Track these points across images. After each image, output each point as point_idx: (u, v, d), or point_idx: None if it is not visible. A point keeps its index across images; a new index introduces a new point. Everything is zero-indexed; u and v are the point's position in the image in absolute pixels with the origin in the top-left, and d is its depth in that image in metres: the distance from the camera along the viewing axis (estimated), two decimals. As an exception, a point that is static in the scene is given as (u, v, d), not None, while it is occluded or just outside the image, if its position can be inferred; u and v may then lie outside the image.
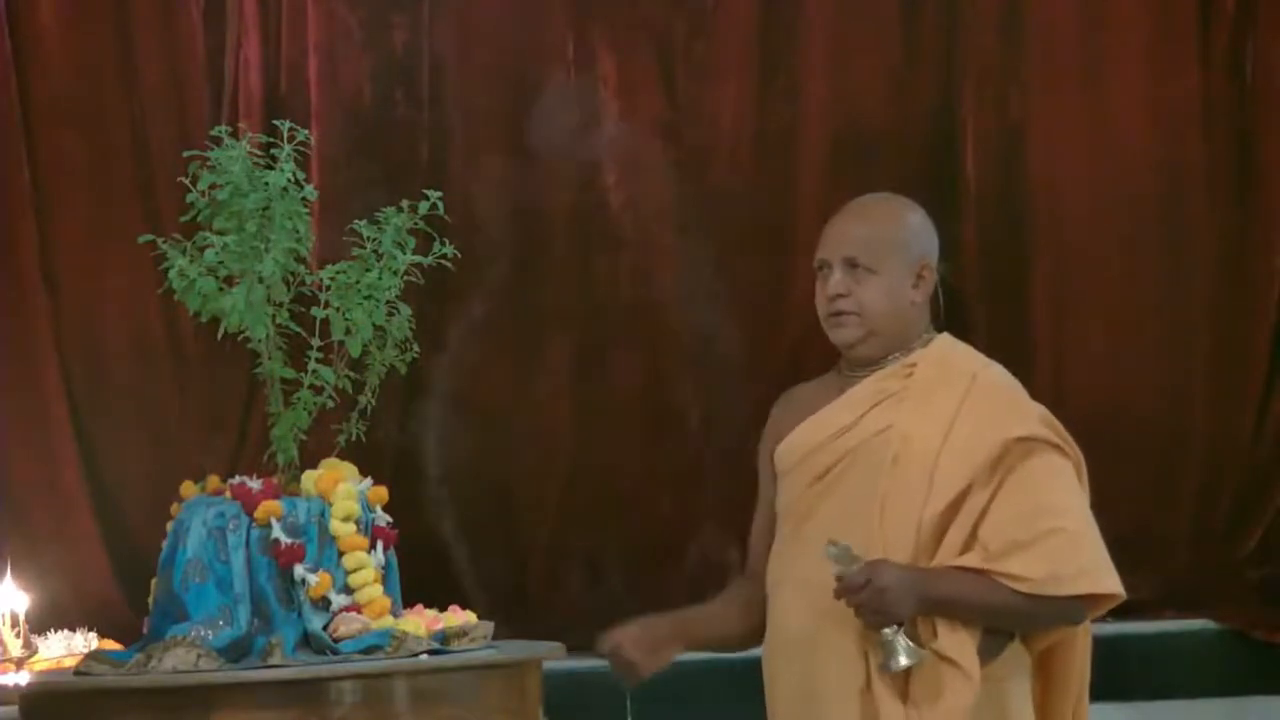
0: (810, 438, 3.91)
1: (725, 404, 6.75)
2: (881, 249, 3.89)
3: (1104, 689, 4.09)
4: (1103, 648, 4.01)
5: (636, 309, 6.82)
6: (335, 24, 6.67)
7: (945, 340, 3.96)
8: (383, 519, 4.06)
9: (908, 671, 3.75)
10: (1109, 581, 3.79)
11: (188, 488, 4.09)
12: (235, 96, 6.54)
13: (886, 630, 3.70)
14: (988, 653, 3.79)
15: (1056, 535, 3.76)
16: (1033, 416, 3.85)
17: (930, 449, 3.80)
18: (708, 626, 4.05)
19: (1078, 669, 3.96)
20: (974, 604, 3.75)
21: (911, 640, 3.71)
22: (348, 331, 4.06)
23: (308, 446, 4.09)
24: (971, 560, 3.75)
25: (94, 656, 3.99)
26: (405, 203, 4.13)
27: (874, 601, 3.69)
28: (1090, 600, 3.80)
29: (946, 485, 3.78)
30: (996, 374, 3.93)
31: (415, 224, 4.13)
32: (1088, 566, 3.77)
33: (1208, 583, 6.95)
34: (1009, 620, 3.79)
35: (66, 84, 6.46)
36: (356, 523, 3.98)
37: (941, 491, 3.78)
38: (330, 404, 4.08)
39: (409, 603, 4.13)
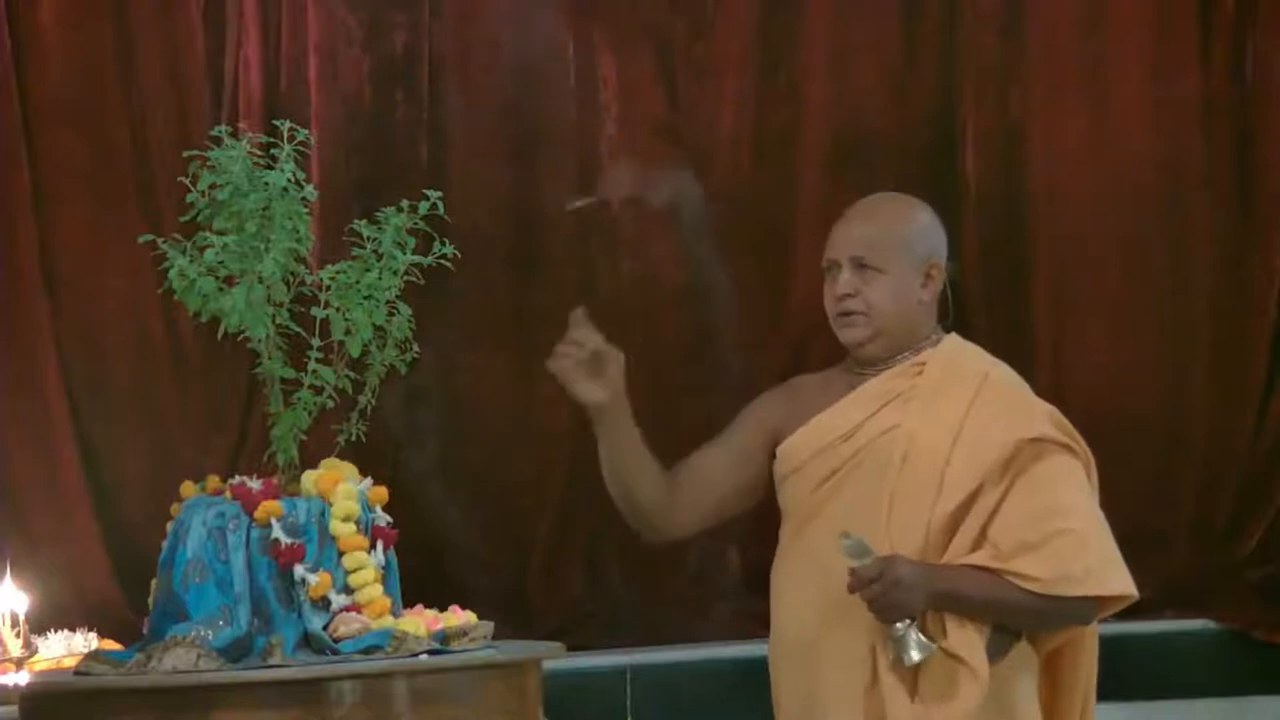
0: (819, 437, 3.91)
1: (725, 404, 6.73)
2: (890, 249, 3.89)
3: (1104, 689, 4.09)
4: (1103, 648, 4.01)
5: (636, 309, 6.82)
6: (335, 24, 6.67)
7: (954, 340, 3.96)
8: (383, 519, 4.05)
9: (915, 670, 3.75)
10: (1118, 582, 3.79)
11: (188, 488, 4.09)
12: (235, 96, 6.54)
13: (898, 625, 3.71)
14: (995, 651, 3.79)
15: (1066, 536, 3.76)
16: (1043, 417, 3.86)
17: (940, 449, 3.80)
18: (626, 442, 4.02)
19: (1085, 669, 3.96)
20: (985, 601, 3.75)
21: (922, 635, 3.72)
22: (348, 331, 4.06)
23: (308, 446, 4.08)
24: (982, 559, 3.76)
25: (94, 656, 3.98)
26: (405, 203, 4.13)
27: (887, 595, 3.69)
28: (1100, 600, 3.80)
29: (957, 485, 3.78)
30: (1006, 374, 3.93)
31: (415, 224, 4.13)
32: (1096, 567, 3.78)
33: (1208, 583, 6.95)
34: (1019, 619, 3.80)
35: (66, 84, 6.46)
36: (356, 523, 3.98)
37: (952, 492, 3.78)
38: (330, 404, 4.08)
39: (409, 603, 4.13)
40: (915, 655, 3.70)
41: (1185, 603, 6.89)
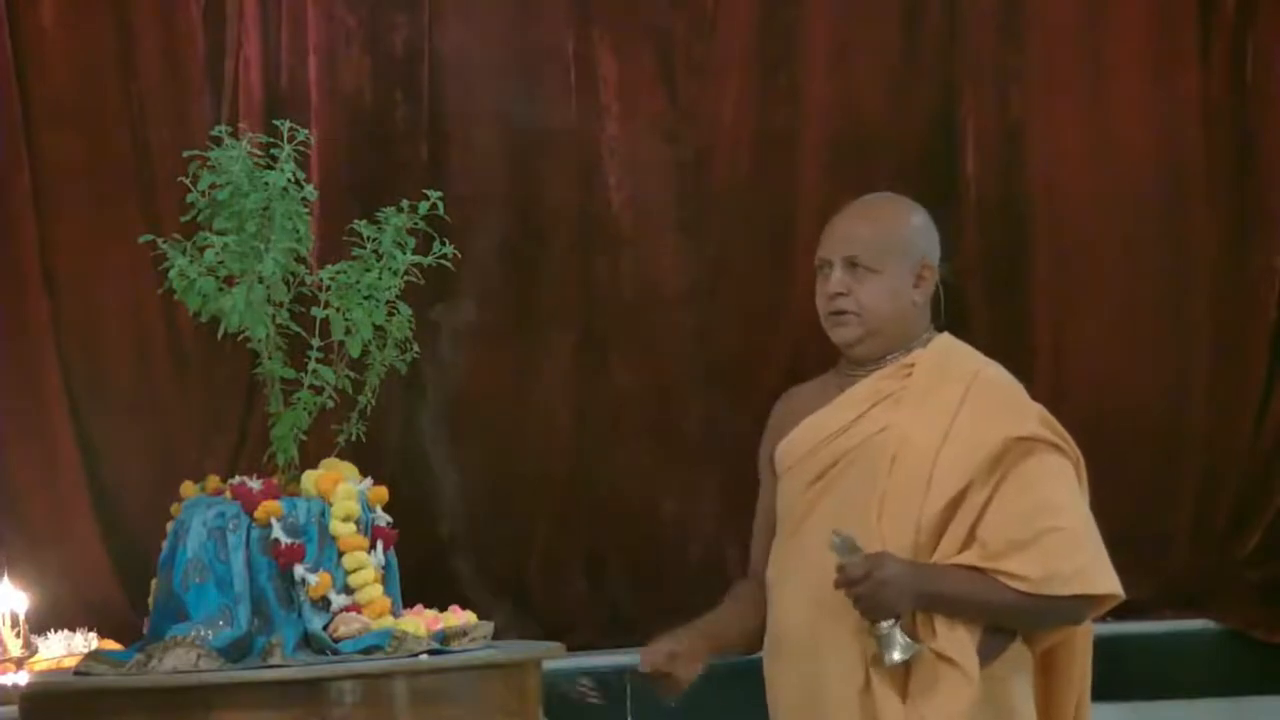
0: (809, 438, 3.91)
1: (725, 404, 6.75)
2: (883, 249, 3.89)
3: (1104, 689, 4.08)
4: (1103, 647, 4.01)
5: (636, 309, 6.82)
6: (335, 24, 6.67)
7: (945, 340, 3.96)
8: (383, 519, 4.06)
9: (907, 671, 3.75)
10: (1106, 582, 3.79)
11: (188, 488, 4.09)
12: (235, 96, 6.54)
13: (883, 624, 3.71)
14: (989, 651, 3.79)
15: (1054, 534, 3.76)
16: (1032, 416, 3.85)
17: (929, 448, 3.80)
18: (730, 629, 4.04)
19: (1079, 668, 3.96)
20: (973, 601, 3.75)
21: (908, 635, 3.71)
22: (348, 331, 4.06)
23: (308, 446, 4.08)
24: (970, 558, 3.75)
25: (94, 656, 3.99)
26: (405, 203, 4.13)
27: (873, 594, 3.69)
28: (1090, 600, 3.80)
29: (945, 484, 3.78)
30: (996, 373, 3.93)
31: (415, 224, 4.13)
32: (1085, 566, 3.77)
33: (1208, 583, 6.95)
34: (1008, 618, 3.79)
35: (66, 84, 6.46)
36: (356, 523, 3.98)
37: (940, 491, 3.78)
38: (330, 404, 4.08)
39: (409, 603, 4.13)
40: (897, 655, 3.71)
41: (1185, 603, 6.89)
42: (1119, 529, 3.96)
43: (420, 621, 4.00)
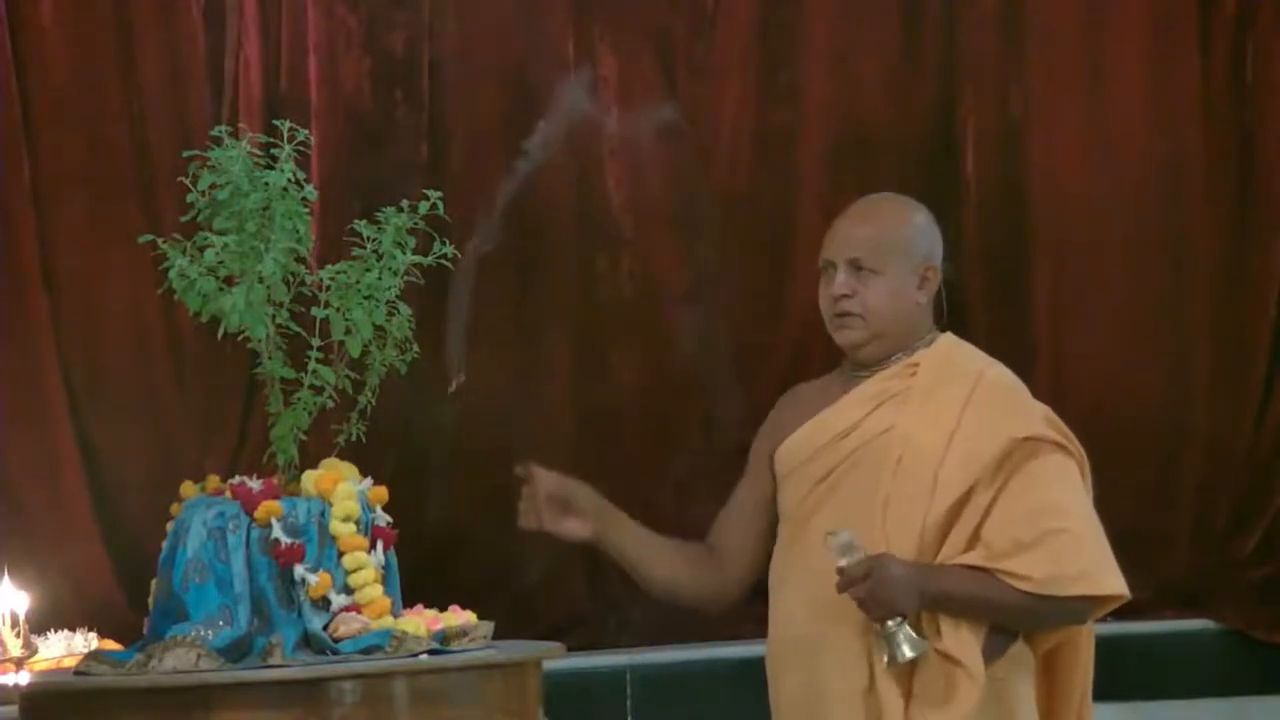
0: (814, 439, 3.91)
1: (725, 404, 6.75)
2: (886, 250, 3.89)
3: (1104, 689, 4.08)
4: (1103, 648, 4.01)
5: (636, 309, 6.82)
6: (335, 24, 6.67)
7: (948, 340, 3.96)
8: (383, 519, 4.05)
9: (911, 672, 3.75)
10: (1111, 582, 3.79)
11: (188, 488, 4.09)
12: (235, 96, 6.54)
13: (889, 623, 3.71)
14: (992, 652, 3.79)
15: (1059, 535, 3.76)
16: (1037, 416, 3.86)
17: (934, 450, 3.80)
18: (641, 547, 4.03)
19: (1082, 669, 3.96)
20: (977, 601, 3.75)
21: (914, 633, 3.71)
22: (348, 331, 4.06)
23: (308, 446, 4.08)
24: (975, 558, 3.75)
25: (94, 656, 3.98)
26: (405, 203, 4.13)
27: (876, 593, 3.69)
28: (1094, 601, 3.80)
29: (951, 486, 3.78)
30: (1000, 373, 3.93)
31: (415, 224, 4.13)
32: (1090, 567, 3.77)
33: (1208, 583, 6.96)
34: (1012, 619, 3.79)
35: (66, 84, 6.46)
36: (356, 523, 3.98)
37: (946, 492, 3.78)
38: (330, 404, 4.08)
39: (409, 603, 4.13)
40: (908, 652, 3.70)
41: (1185, 603, 6.90)
42: (1119, 529, 3.96)
43: (420, 621, 4.00)
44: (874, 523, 3.79)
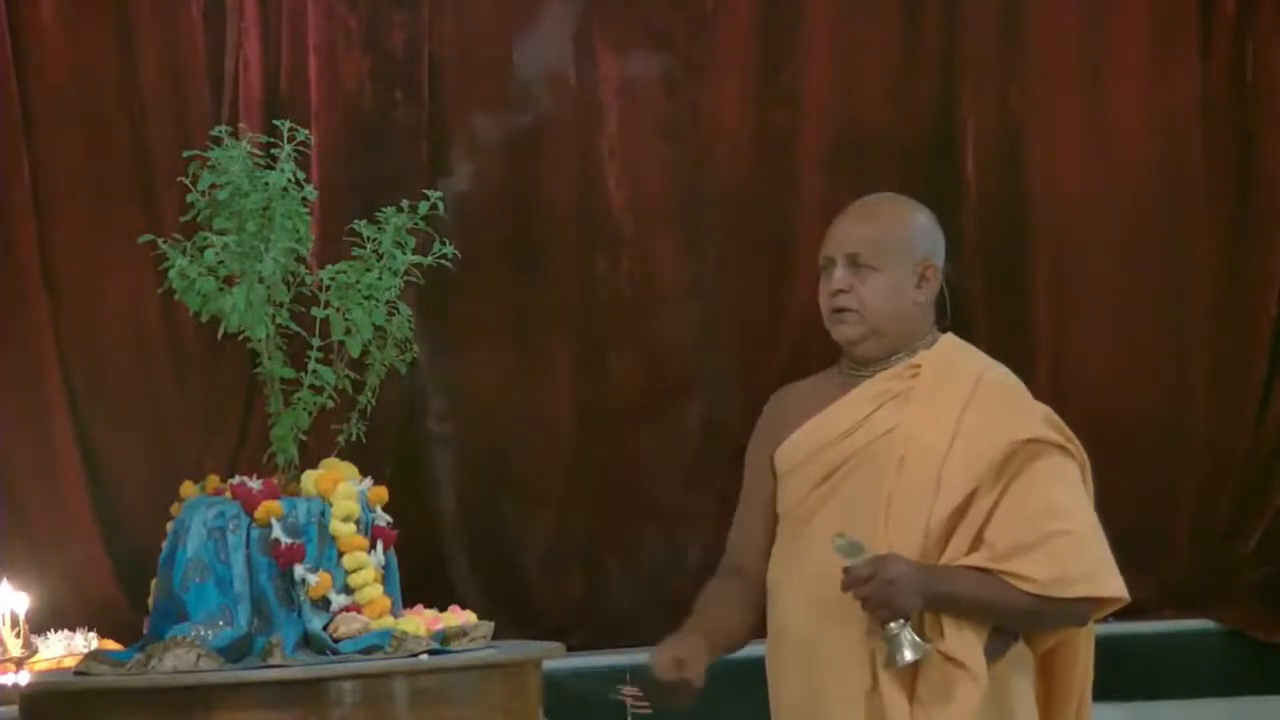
0: (815, 438, 3.90)
1: (725, 403, 6.75)
2: (885, 248, 3.89)
3: (1104, 689, 4.08)
4: (1103, 648, 4.01)
5: (636, 309, 6.82)
6: (335, 24, 6.67)
7: (950, 340, 3.95)
8: (383, 519, 4.06)
9: (914, 673, 3.75)
10: (1112, 585, 3.79)
11: (188, 488, 4.09)
12: (235, 96, 6.53)
13: (892, 625, 3.70)
14: (992, 652, 3.79)
15: (1061, 537, 3.76)
16: (1039, 418, 3.85)
17: (937, 451, 3.80)
18: (719, 633, 4.02)
19: (1081, 669, 3.96)
20: (980, 601, 3.74)
21: (917, 635, 3.71)
22: (348, 331, 4.06)
23: (308, 446, 4.08)
24: (978, 559, 3.75)
25: (94, 656, 3.99)
26: (405, 203, 4.13)
27: (880, 594, 3.69)
28: (1095, 602, 3.80)
29: (954, 488, 3.77)
30: (1001, 375, 3.92)
31: (415, 224, 4.13)
32: (1091, 569, 3.77)
33: (1208, 583, 6.95)
34: (1014, 619, 3.79)
35: (66, 84, 6.46)
36: (356, 523, 3.98)
37: (949, 494, 3.77)
38: (330, 404, 4.08)
39: (409, 603, 4.13)
40: (909, 655, 3.70)
41: (1185, 603, 6.89)
42: (1119, 529, 3.96)
43: (420, 621, 4.00)
44: (877, 523, 3.79)
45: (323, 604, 3.91)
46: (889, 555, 3.72)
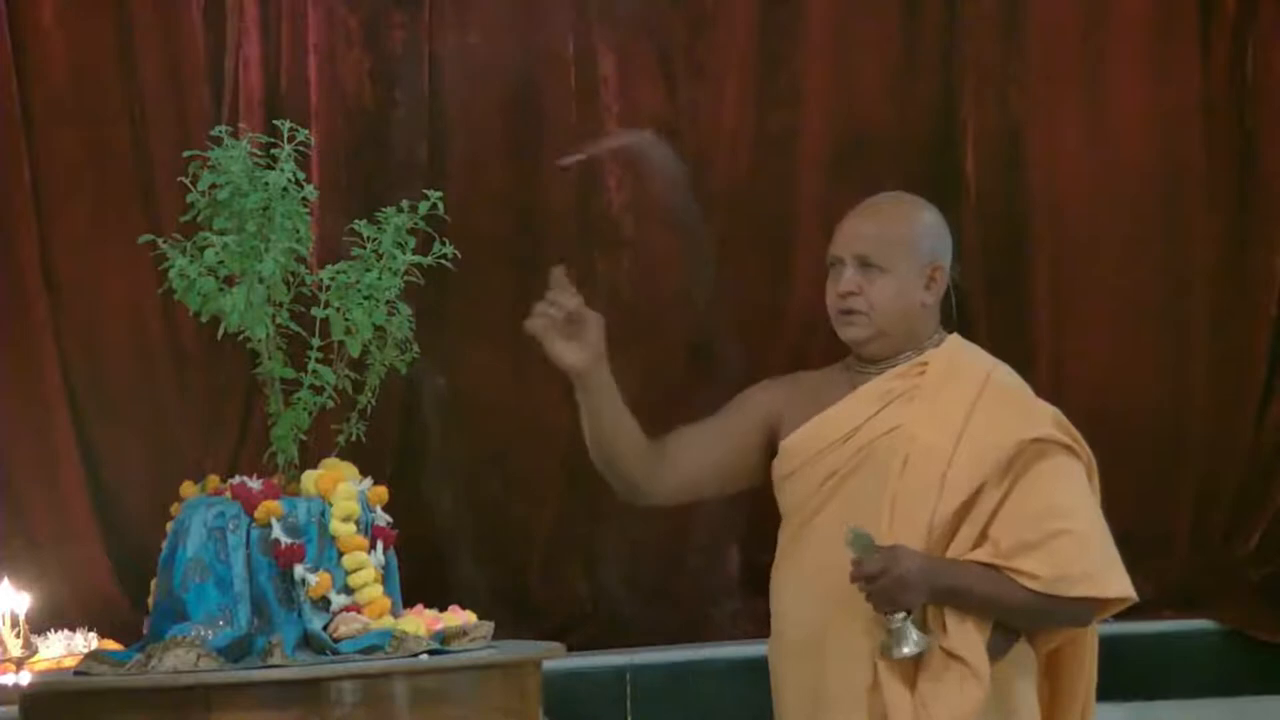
0: (820, 437, 3.91)
1: (725, 403, 6.74)
2: (894, 249, 3.89)
3: (1104, 689, 4.09)
4: (1103, 648, 4.02)
5: (636, 309, 6.82)
6: (335, 24, 6.67)
7: (956, 341, 3.96)
8: (383, 519, 4.05)
9: (916, 669, 3.75)
10: (1117, 585, 3.80)
11: (188, 488, 4.09)
12: (235, 96, 6.54)
13: (895, 617, 3.71)
14: (995, 651, 3.79)
15: (1066, 536, 3.77)
16: (1045, 418, 3.86)
17: (942, 450, 3.80)
18: (608, 405, 4.04)
19: (1086, 670, 3.97)
20: (985, 597, 3.75)
21: (919, 629, 3.72)
22: (348, 331, 4.06)
23: (308, 446, 4.08)
24: (982, 555, 3.76)
25: (94, 656, 3.98)
26: (405, 203, 4.13)
27: (888, 589, 3.69)
28: (1098, 602, 3.81)
29: (959, 486, 3.78)
30: (1007, 375, 3.93)
31: (415, 224, 4.13)
32: (1094, 569, 3.78)
33: (1208, 583, 6.95)
34: (1018, 617, 3.80)
35: (66, 84, 6.46)
36: (356, 523, 3.98)
37: (954, 493, 3.78)
38: (330, 404, 4.08)
39: (409, 603, 4.13)
40: (909, 649, 3.71)
41: (1185, 603, 6.89)
42: (1119, 529, 3.96)
43: (420, 621, 4.00)
44: (880, 521, 3.79)
45: (323, 604, 3.91)
46: (898, 548, 3.73)
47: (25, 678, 3.91)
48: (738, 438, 4.03)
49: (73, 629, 4.85)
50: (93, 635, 4.81)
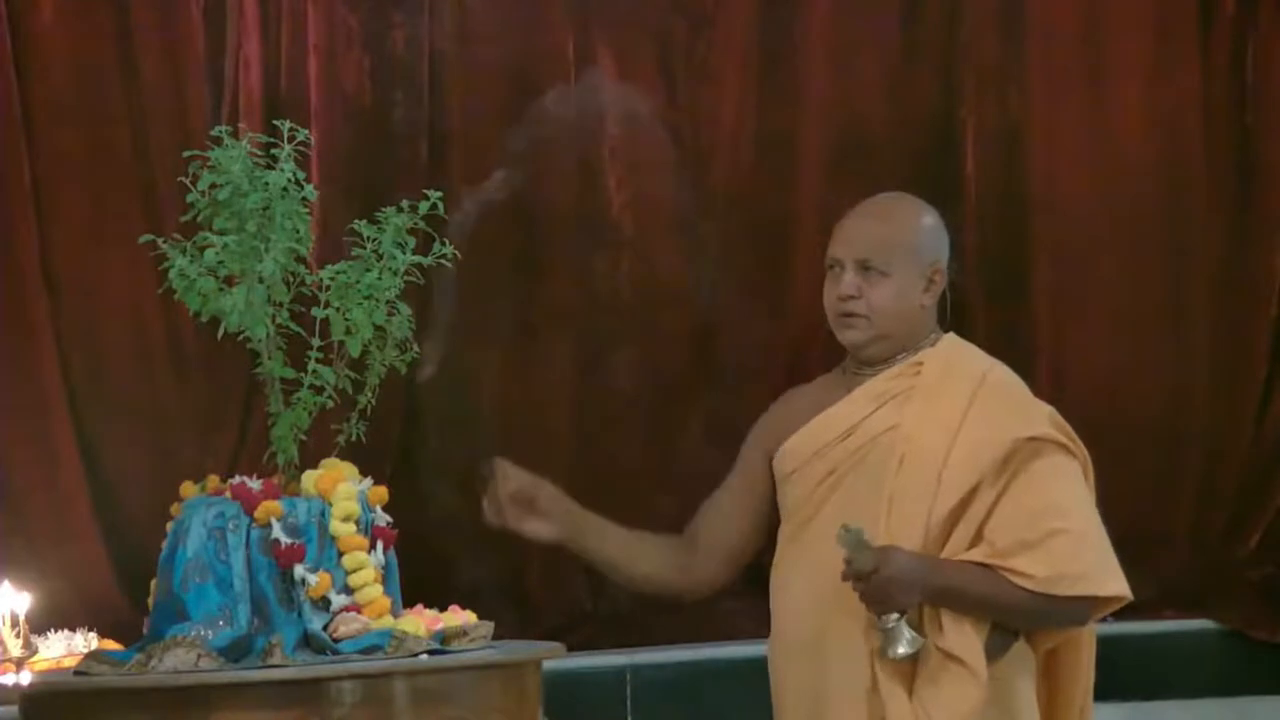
0: (818, 437, 3.91)
1: (725, 403, 6.74)
2: (894, 251, 3.89)
3: (1104, 689, 4.09)
4: (1102, 647, 4.02)
5: (636, 309, 6.82)
6: (335, 24, 6.67)
7: (952, 340, 3.96)
8: (383, 519, 4.05)
9: (914, 670, 3.75)
10: (1112, 584, 3.80)
11: (188, 488, 4.09)
12: (235, 96, 6.53)
13: (889, 618, 3.71)
14: (993, 651, 3.79)
15: (1061, 536, 3.77)
16: (1041, 417, 3.86)
17: (938, 449, 3.80)
18: (616, 547, 4.03)
19: (1084, 670, 3.96)
20: (979, 597, 3.75)
21: (913, 630, 3.72)
22: (348, 331, 4.06)
23: (308, 446, 4.08)
24: (978, 555, 3.76)
25: (94, 656, 3.98)
26: (405, 203, 4.13)
27: (881, 589, 3.70)
28: (1094, 601, 3.81)
29: (955, 485, 3.78)
30: (1004, 374, 3.93)
31: (415, 224, 4.13)
32: (1090, 569, 3.78)
33: (1208, 583, 6.95)
34: (1013, 617, 3.80)
35: (66, 84, 6.46)
36: (356, 523, 3.98)
37: (950, 491, 3.78)
38: (330, 404, 4.08)
39: (409, 603, 4.13)
40: (903, 649, 3.71)
41: (1185, 603, 6.89)
42: (1119, 529, 3.96)
43: (420, 621, 4.00)
44: (878, 521, 3.79)
45: (323, 604, 3.91)
46: (891, 548, 3.73)
47: (25, 678, 3.91)
48: (755, 495, 4.04)
49: (73, 629, 4.85)
50: (93, 635, 4.81)
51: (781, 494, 4.00)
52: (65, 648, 4.72)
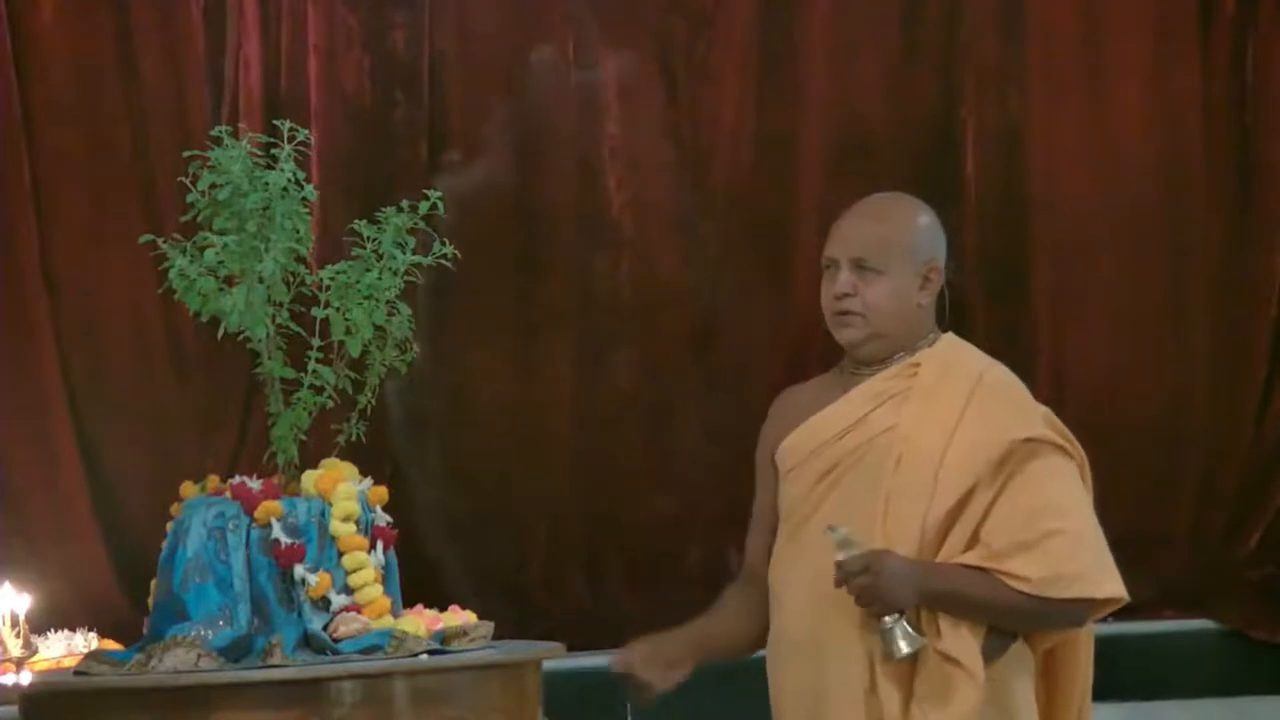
0: (814, 436, 3.90)
1: (725, 404, 6.75)
2: (890, 250, 3.89)
3: (1103, 689, 4.08)
4: (1101, 647, 4.01)
5: (636, 309, 6.82)
6: (335, 24, 6.67)
7: (950, 340, 3.95)
8: (383, 519, 4.05)
9: (912, 672, 3.75)
10: (1109, 585, 3.79)
11: (188, 488, 4.09)
12: (235, 96, 6.54)
13: (887, 618, 3.71)
14: (991, 652, 3.79)
15: (1058, 537, 3.76)
16: (1038, 418, 3.86)
17: (935, 449, 3.80)
18: (718, 639, 4.05)
19: (1082, 670, 3.96)
20: (975, 600, 3.75)
21: (913, 630, 3.72)
22: (348, 331, 4.06)
23: (308, 446, 4.08)
24: (974, 558, 3.75)
25: (94, 656, 3.99)
26: (405, 203, 4.13)
27: (874, 588, 3.69)
28: (1091, 603, 3.80)
29: (951, 486, 3.78)
30: (1001, 374, 3.93)
31: (415, 224, 4.13)
32: (1087, 570, 3.77)
33: (1208, 583, 6.95)
34: (1010, 619, 3.79)
35: (66, 84, 6.46)
36: (356, 523, 3.98)
37: (946, 492, 3.78)
38: (330, 404, 4.08)
39: (409, 603, 4.13)
40: (904, 648, 3.71)
41: (1185, 603, 6.90)
42: (1119, 529, 3.96)
43: (420, 621, 4.00)
44: (875, 521, 3.79)
45: (323, 604, 3.91)
46: (883, 550, 3.73)
47: (25, 678, 3.92)
48: (777, 510, 4.03)
49: (73, 629, 4.86)
50: (93, 635, 4.82)
51: (780, 493, 4.00)
52: (65, 648, 4.72)
